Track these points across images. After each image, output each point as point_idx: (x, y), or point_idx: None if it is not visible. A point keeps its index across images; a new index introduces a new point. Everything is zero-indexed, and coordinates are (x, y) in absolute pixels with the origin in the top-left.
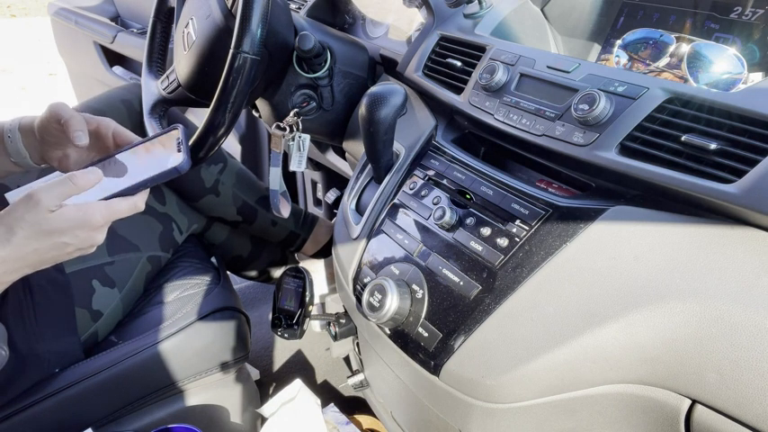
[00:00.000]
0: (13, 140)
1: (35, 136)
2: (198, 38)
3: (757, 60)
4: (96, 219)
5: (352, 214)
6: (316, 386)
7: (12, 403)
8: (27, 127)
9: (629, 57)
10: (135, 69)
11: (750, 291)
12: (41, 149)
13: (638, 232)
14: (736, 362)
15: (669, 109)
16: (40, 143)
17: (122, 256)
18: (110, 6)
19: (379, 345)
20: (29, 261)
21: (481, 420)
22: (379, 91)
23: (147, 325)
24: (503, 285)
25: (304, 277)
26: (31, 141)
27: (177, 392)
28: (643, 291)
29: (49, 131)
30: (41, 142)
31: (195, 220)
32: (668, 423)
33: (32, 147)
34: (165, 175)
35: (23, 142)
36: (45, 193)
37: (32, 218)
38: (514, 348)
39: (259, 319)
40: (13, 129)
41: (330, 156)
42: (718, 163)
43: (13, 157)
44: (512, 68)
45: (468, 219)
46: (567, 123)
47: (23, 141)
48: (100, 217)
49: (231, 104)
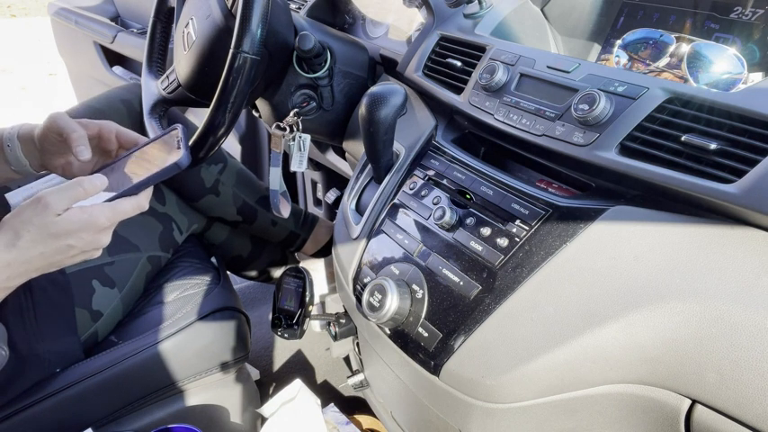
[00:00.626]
0: (13, 149)
1: (35, 144)
2: (198, 38)
3: (757, 60)
4: (101, 220)
5: (352, 214)
6: (316, 386)
7: (12, 403)
8: (26, 135)
9: (629, 57)
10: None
11: (750, 291)
12: (42, 158)
13: (638, 232)
14: (736, 362)
15: (669, 109)
16: (41, 152)
17: (122, 257)
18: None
19: (379, 345)
20: (34, 265)
21: (481, 420)
22: (379, 91)
23: (147, 325)
24: (503, 285)
25: (304, 277)
26: (31, 149)
27: (177, 392)
28: (643, 291)
29: (49, 141)
30: (42, 151)
31: (195, 220)
32: (668, 423)
33: (32, 155)
34: (166, 171)
35: (23, 150)
36: (53, 196)
37: (40, 221)
38: (514, 348)
39: (259, 319)
40: (11, 137)
41: (330, 156)
42: (718, 163)
43: (12, 165)
44: (512, 68)
45: (468, 219)
46: (567, 123)
47: (23, 149)
48: (105, 219)
49: (231, 104)
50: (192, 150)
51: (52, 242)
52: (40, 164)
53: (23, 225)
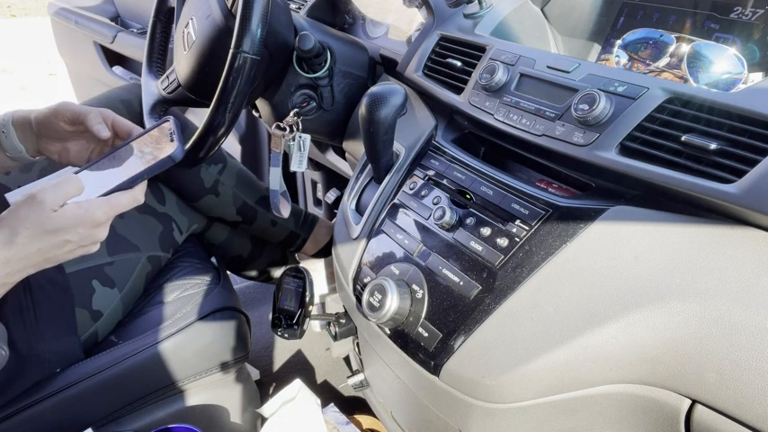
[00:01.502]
0: (8, 136)
1: (31, 130)
2: (198, 38)
3: (757, 60)
4: (98, 215)
5: (352, 214)
6: (316, 386)
7: (12, 403)
8: (21, 121)
9: (629, 57)
10: (135, 69)
11: (750, 291)
12: (38, 143)
13: (638, 232)
14: (736, 362)
15: (669, 109)
16: (38, 137)
17: (122, 257)
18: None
19: (379, 345)
20: (32, 261)
21: (481, 420)
22: (379, 91)
23: (147, 325)
24: (503, 285)
25: (304, 277)
26: (27, 135)
27: (177, 392)
28: (643, 291)
29: (50, 127)
30: (39, 136)
31: (195, 220)
32: (668, 423)
33: (28, 140)
34: (160, 164)
35: (18, 137)
36: (48, 193)
37: (36, 218)
38: (514, 348)
39: (259, 319)
40: (6, 123)
41: (330, 156)
42: (718, 163)
43: (8, 152)
44: (512, 68)
45: (468, 219)
46: (567, 123)
47: (18, 136)
48: (101, 213)
49: (231, 104)
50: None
51: (49, 238)
52: (36, 149)
53: (20, 222)
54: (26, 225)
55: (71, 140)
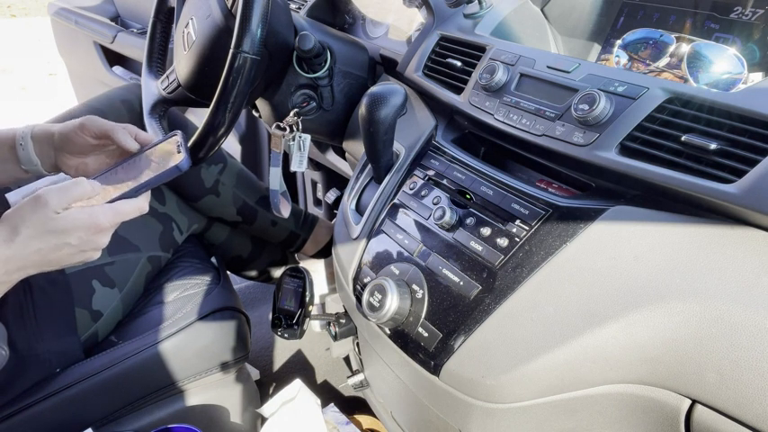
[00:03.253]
0: (26, 148)
1: (51, 144)
2: (198, 38)
3: (757, 60)
4: (101, 220)
5: (352, 214)
6: (316, 386)
7: (12, 403)
8: (42, 134)
9: (629, 57)
10: (135, 69)
11: (750, 291)
12: (57, 158)
13: (638, 232)
14: (736, 362)
15: (669, 109)
16: (58, 151)
17: (122, 257)
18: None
19: (379, 345)
20: (32, 261)
21: (481, 420)
22: (379, 91)
23: (147, 325)
24: (503, 285)
25: (304, 277)
26: (45, 149)
27: (177, 392)
28: (643, 291)
29: (74, 141)
30: (59, 150)
31: (195, 220)
32: (668, 423)
33: (45, 155)
34: (166, 174)
35: (36, 150)
36: (53, 194)
37: (38, 218)
38: (514, 348)
39: (259, 319)
40: (25, 136)
41: (330, 156)
42: (718, 163)
43: (23, 165)
44: (512, 68)
45: (468, 219)
46: (567, 123)
47: (36, 149)
48: (105, 219)
49: (231, 104)
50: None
51: (50, 239)
52: (53, 164)
53: (22, 221)
54: (28, 224)
55: (92, 155)
